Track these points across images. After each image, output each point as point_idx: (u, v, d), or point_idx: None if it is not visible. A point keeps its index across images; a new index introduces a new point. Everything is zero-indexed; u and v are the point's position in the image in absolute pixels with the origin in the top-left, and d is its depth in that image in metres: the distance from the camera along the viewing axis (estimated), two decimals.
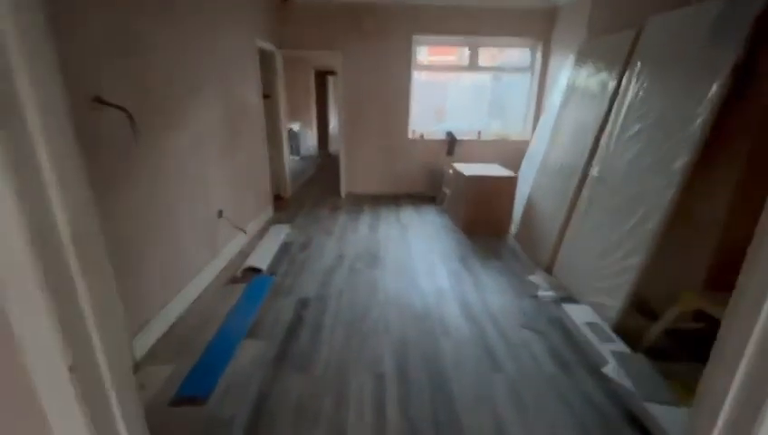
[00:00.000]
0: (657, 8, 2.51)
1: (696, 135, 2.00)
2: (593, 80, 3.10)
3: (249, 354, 2.14)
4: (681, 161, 2.05)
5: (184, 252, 2.56)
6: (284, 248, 3.61)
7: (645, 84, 2.44)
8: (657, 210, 2.14)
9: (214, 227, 3.01)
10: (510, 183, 4.06)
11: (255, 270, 3.10)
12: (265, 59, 4.58)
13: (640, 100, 2.45)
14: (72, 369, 0.75)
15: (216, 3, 3.01)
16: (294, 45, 4.88)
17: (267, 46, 4.35)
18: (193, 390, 1.86)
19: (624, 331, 2.27)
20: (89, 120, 1.72)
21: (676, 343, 2.25)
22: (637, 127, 2.43)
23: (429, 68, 5.46)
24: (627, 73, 2.66)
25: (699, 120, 2.00)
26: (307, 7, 4.74)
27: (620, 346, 2.12)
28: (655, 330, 2.08)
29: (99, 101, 1.75)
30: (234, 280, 2.97)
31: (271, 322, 2.45)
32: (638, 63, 2.54)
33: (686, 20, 2.24)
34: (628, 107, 2.55)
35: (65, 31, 1.59)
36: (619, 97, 2.69)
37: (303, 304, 2.66)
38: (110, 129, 1.84)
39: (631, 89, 2.56)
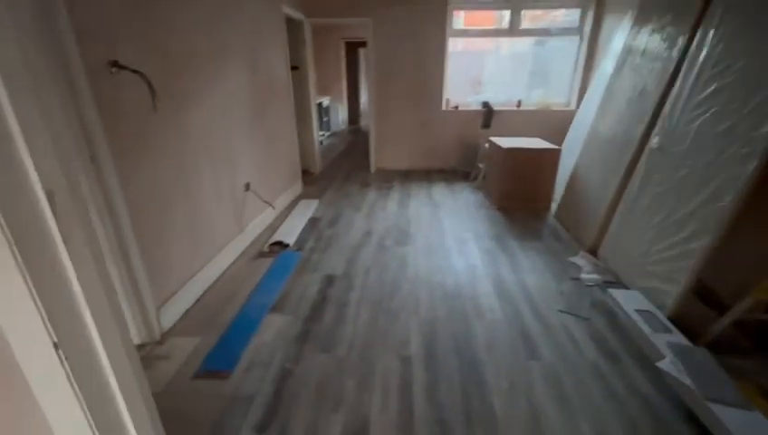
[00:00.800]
0: None
1: None
2: (657, 37, 2.70)
3: (273, 329, 2.10)
4: None
5: (211, 224, 2.54)
6: (312, 224, 3.55)
7: (725, 36, 2.06)
8: (734, 184, 1.83)
9: (241, 200, 2.97)
10: (552, 157, 3.75)
11: (283, 245, 3.06)
12: (293, 28, 4.41)
13: (718, 55, 2.08)
14: (57, 345, 0.67)
15: None
16: (323, 13, 4.66)
17: (295, 14, 4.17)
18: (217, 364, 1.84)
19: (682, 320, 2.02)
20: (107, 85, 1.65)
21: (745, 336, 1.98)
22: (712, 87, 2.08)
23: (466, 33, 5.07)
24: (702, 26, 2.27)
25: None
26: None
27: (678, 338, 1.88)
28: (723, 321, 1.82)
29: (116, 65, 1.68)
30: (261, 254, 2.95)
31: (296, 298, 2.40)
32: (718, 11, 2.15)
33: None
34: (702, 64, 2.18)
35: None
36: (690, 54, 2.31)
37: (330, 280, 2.59)
38: (129, 94, 1.77)
39: (707, 43, 2.18)
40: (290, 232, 3.26)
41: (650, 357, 1.84)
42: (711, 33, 2.17)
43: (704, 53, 2.19)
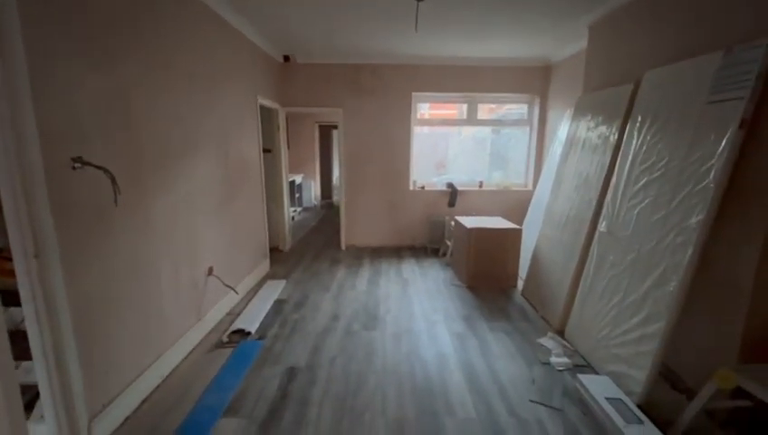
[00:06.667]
0: (653, 63, 2.50)
1: (710, 190, 1.87)
2: (594, 133, 3.05)
3: None
4: (697, 217, 1.90)
5: (166, 315, 2.38)
6: (277, 307, 3.41)
7: (648, 138, 2.36)
8: (677, 270, 1.96)
9: (202, 286, 2.84)
10: (514, 235, 3.91)
11: (244, 333, 2.88)
12: (268, 115, 4.68)
13: (644, 154, 2.36)
14: None
15: (218, 64, 3.09)
16: (297, 103, 5.01)
17: (269, 104, 4.46)
18: None
19: (653, 407, 1.99)
20: (66, 181, 1.64)
21: (717, 424, 1.95)
22: (642, 181, 2.32)
23: (429, 122, 5.56)
24: (628, 126, 2.60)
25: (712, 174, 1.88)
26: (308, 67, 4.94)
27: (650, 429, 1.83)
28: (689, 412, 1.80)
29: (79, 161, 1.69)
30: (219, 345, 2.75)
31: (254, 396, 2.20)
32: (639, 117, 2.49)
33: (685, 74, 2.20)
34: (632, 161, 2.46)
35: (50, 92, 1.56)
36: (622, 149, 2.61)
37: (292, 373, 2.42)
38: (89, 189, 1.76)
39: (634, 142, 2.48)
40: (253, 318, 3.10)
41: None
42: (635, 133, 2.48)
43: (632, 151, 2.48)
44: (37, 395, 1.73)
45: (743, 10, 1.96)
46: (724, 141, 1.85)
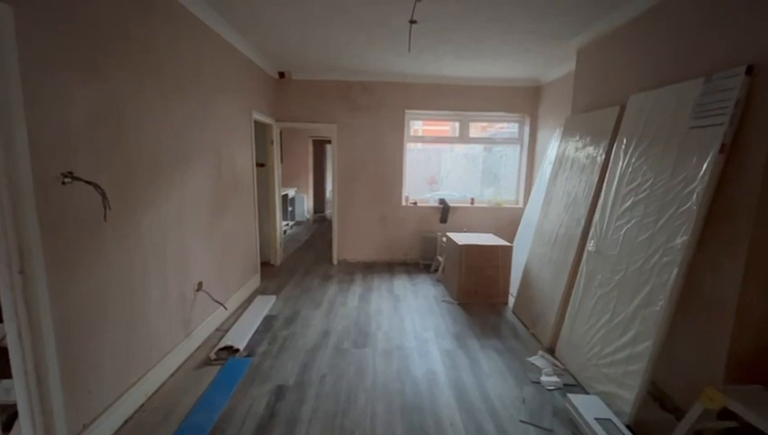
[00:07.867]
0: (638, 87, 2.59)
1: (693, 212, 1.92)
2: (581, 153, 3.13)
3: None
4: (682, 238, 1.94)
5: (153, 332, 2.34)
6: (267, 323, 3.36)
7: (633, 160, 2.43)
8: (664, 290, 1.99)
9: (190, 302, 2.80)
10: (505, 252, 3.94)
11: (232, 350, 2.84)
12: (262, 130, 4.71)
13: (630, 174, 2.42)
14: None
15: (213, 79, 3.12)
16: (291, 118, 5.06)
17: (264, 119, 4.49)
18: None
19: (642, 427, 2.00)
20: (55, 195, 1.63)
21: None
22: (629, 201, 2.37)
23: (422, 139, 5.64)
24: (614, 148, 2.67)
25: (695, 197, 1.93)
26: (303, 83, 5.00)
27: None
28: (678, 433, 1.80)
29: (70, 175, 1.68)
30: (207, 362, 2.70)
31: (241, 416, 2.16)
32: (624, 139, 2.56)
33: (668, 99, 2.28)
34: (619, 180, 2.52)
35: (42, 104, 1.56)
36: (609, 170, 2.68)
37: (281, 392, 2.38)
38: (78, 204, 1.74)
39: (620, 163, 2.54)
40: (241, 334, 3.06)
41: None
42: (621, 155, 2.55)
43: (618, 171, 2.54)
44: (16, 415, 1.67)
45: (722, 39, 2.05)
46: (705, 165, 1.91)
